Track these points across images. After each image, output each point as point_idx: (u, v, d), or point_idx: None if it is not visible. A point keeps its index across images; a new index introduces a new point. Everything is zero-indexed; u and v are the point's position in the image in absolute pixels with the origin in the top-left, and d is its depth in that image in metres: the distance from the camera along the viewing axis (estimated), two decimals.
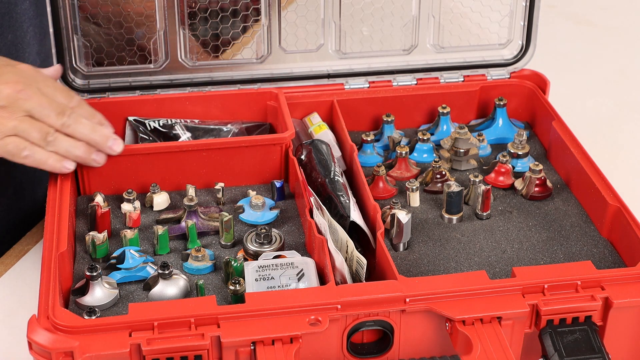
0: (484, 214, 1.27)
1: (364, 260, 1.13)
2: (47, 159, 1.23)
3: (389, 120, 1.43)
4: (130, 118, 1.40)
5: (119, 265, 1.17)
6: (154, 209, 1.29)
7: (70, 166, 1.24)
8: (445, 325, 1.07)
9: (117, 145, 1.27)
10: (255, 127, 1.42)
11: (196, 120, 1.41)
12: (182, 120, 1.41)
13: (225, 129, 1.40)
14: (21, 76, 1.22)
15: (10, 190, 1.49)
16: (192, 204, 1.25)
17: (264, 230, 1.20)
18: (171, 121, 1.40)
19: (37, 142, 1.21)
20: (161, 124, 1.40)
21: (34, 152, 1.21)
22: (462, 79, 1.48)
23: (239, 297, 1.11)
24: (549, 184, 1.32)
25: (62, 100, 1.24)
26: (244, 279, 1.12)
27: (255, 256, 1.18)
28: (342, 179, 1.27)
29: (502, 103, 1.45)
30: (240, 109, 1.42)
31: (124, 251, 1.18)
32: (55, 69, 1.34)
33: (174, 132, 1.39)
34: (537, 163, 1.32)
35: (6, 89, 1.20)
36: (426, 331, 1.08)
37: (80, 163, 1.26)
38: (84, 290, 1.13)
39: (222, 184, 1.30)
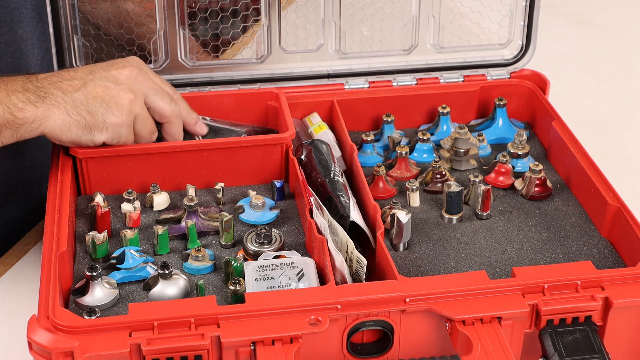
0: (484, 214, 1.27)
1: (364, 260, 1.13)
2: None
3: (389, 120, 1.43)
4: None
5: (119, 265, 1.17)
6: (154, 209, 1.29)
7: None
8: (445, 325, 1.07)
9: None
10: (263, 133, 1.41)
11: None
12: None
13: (230, 128, 1.40)
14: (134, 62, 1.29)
15: (20, 188, 1.49)
16: (192, 204, 1.25)
17: (264, 230, 1.20)
18: None
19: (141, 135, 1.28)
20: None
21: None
22: (462, 79, 1.48)
23: (239, 297, 1.11)
24: (549, 184, 1.32)
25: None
26: (244, 279, 1.12)
27: (255, 256, 1.18)
28: (342, 179, 1.27)
29: (502, 103, 1.44)
30: (240, 109, 1.42)
31: (124, 251, 1.18)
32: None
33: None
34: (537, 163, 1.32)
35: (125, 71, 1.25)
36: (426, 331, 1.08)
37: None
38: (84, 290, 1.13)
39: (222, 184, 1.30)
